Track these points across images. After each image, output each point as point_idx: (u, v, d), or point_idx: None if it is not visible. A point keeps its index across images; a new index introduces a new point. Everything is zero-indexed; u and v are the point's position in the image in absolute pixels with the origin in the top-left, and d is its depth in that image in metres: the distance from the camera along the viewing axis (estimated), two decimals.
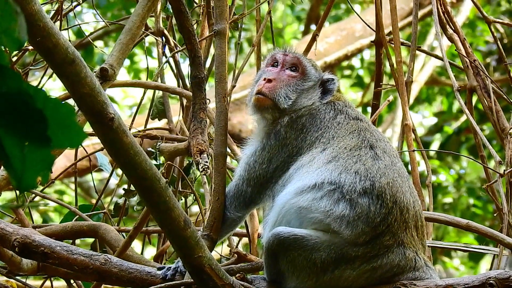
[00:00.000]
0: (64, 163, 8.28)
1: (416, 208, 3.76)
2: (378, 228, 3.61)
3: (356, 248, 3.60)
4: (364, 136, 3.86)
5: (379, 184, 3.67)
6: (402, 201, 3.69)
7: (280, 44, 13.43)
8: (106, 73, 4.13)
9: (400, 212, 3.66)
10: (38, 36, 2.86)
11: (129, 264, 3.82)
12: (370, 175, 3.69)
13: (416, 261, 3.68)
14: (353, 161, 3.74)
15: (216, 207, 3.97)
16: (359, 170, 3.70)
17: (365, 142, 3.83)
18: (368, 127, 3.93)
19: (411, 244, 3.68)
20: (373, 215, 3.61)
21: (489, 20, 5.56)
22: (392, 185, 3.70)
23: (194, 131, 4.14)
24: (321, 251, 3.58)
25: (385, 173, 3.72)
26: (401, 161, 3.92)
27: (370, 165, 3.72)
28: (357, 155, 3.76)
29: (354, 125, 3.91)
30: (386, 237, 3.63)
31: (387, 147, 3.86)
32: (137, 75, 13.18)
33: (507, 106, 5.34)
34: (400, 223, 3.65)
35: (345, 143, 3.82)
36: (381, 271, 3.64)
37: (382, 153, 3.80)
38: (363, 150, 3.79)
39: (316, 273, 3.61)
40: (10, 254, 4.09)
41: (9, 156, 2.00)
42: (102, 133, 3.10)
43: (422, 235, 3.77)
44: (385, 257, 3.62)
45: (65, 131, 2.03)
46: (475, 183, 12.29)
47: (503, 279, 3.55)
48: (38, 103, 1.97)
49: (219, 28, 4.24)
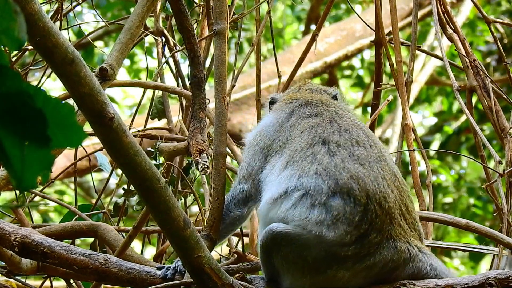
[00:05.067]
0: (64, 163, 8.27)
1: (396, 191, 3.63)
2: (360, 227, 3.52)
3: (346, 248, 3.52)
4: (315, 132, 3.76)
5: (342, 181, 3.56)
6: (375, 191, 3.57)
7: (280, 44, 13.44)
8: (105, 72, 4.13)
9: (378, 205, 3.55)
10: (38, 35, 2.86)
11: (129, 264, 3.82)
12: (330, 173, 3.58)
13: (410, 251, 3.59)
14: (308, 162, 3.65)
15: (215, 207, 3.97)
16: (317, 171, 3.60)
17: (317, 138, 3.73)
18: (321, 122, 3.82)
19: (400, 235, 3.59)
20: (350, 215, 3.52)
21: (489, 20, 5.56)
22: (357, 178, 3.57)
23: (193, 131, 4.14)
24: (311, 249, 3.53)
25: (344, 168, 3.59)
26: (378, 145, 3.75)
27: (327, 163, 3.62)
28: (310, 155, 3.67)
29: (306, 124, 3.84)
30: (372, 235, 3.54)
31: (343, 137, 3.72)
32: (137, 75, 13.18)
33: (507, 106, 5.34)
34: (382, 217, 3.55)
35: (297, 144, 3.76)
36: (377, 269, 3.58)
37: (336, 147, 3.67)
38: (316, 148, 3.69)
39: (309, 271, 3.57)
40: (9, 254, 4.09)
41: (9, 156, 2.00)
42: (102, 133, 3.10)
43: (412, 218, 3.66)
44: (377, 254, 3.55)
45: (65, 131, 2.03)
46: (475, 183, 12.28)
47: (502, 279, 3.54)
48: (38, 103, 1.97)
49: (218, 28, 4.24)
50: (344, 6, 12.91)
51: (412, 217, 3.69)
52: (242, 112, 10.89)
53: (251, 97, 10.52)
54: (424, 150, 5.28)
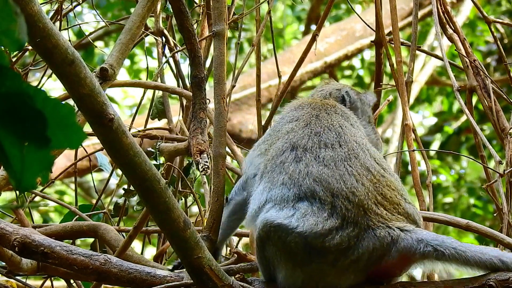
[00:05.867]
0: (64, 163, 8.27)
1: (368, 184, 3.66)
2: (330, 220, 3.55)
3: (321, 239, 3.53)
4: (288, 137, 3.86)
5: (305, 186, 3.63)
6: (341, 188, 3.61)
7: (280, 44, 13.44)
8: (106, 73, 4.13)
9: (346, 200, 3.59)
10: (38, 36, 2.87)
11: (129, 264, 3.82)
12: (295, 181, 3.68)
13: (391, 234, 3.57)
14: (277, 172, 3.75)
15: (215, 208, 3.97)
16: (284, 181, 3.70)
17: (287, 145, 3.82)
18: (296, 126, 3.91)
19: (379, 223, 3.58)
20: (318, 210, 3.58)
21: (489, 20, 5.56)
22: (320, 180, 3.64)
23: (194, 131, 4.14)
24: (293, 235, 3.55)
25: (308, 173, 3.68)
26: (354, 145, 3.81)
27: (292, 171, 3.71)
28: (279, 163, 3.77)
29: (284, 129, 3.95)
30: (349, 228, 3.55)
31: (312, 140, 3.80)
32: (137, 75, 13.18)
33: (507, 106, 5.34)
34: (354, 210, 3.58)
35: (272, 151, 3.87)
36: (363, 261, 3.56)
37: (303, 152, 3.76)
38: (285, 155, 3.79)
39: (296, 261, 3.58)
40: (10, 254, 4.09)
41: (8, 156, 2.00)
42: (102, 134, 3.10)
43: (392, 204, 3.66)
44: (359, 247, 3.55)
45: (65, 131, 2.03)
46: (475, 183, 12.28)
47: (502, 280, 3.54)
48: (38, 103, 1.97)
49: (218, 30, 4.24)
50: (344, 6, 12.91)
51: (394, 202, 3.67)
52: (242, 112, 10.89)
53: (251, 97, 10.52)
54: (424, 150, 5.28)
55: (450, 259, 3.57)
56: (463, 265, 3.59)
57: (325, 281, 3.61)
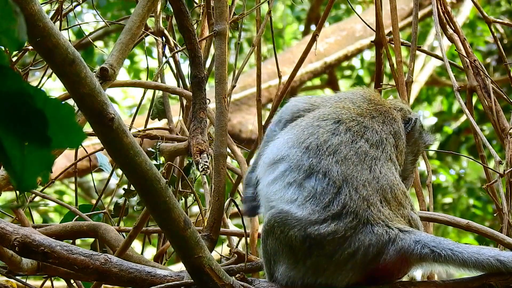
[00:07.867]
0: (64, 163, 8.28)
1: (382, 182, 3.64)
2: (330, 207, 3.55)
3: (316, 227, 3.53)
4: (338, 111, 3.84)
5: (326, 163, 3.62)
6: (355, 178, 3.61)
7: (280, 44, 13.45)
8: (106, 73, 4.13)
9: (354, 190, 3.59)
10: (38, 36, 2.86)
11: (129, 264, 3.82)
12: (320, 152, 3.65)
13: (388, 233, 3.56)
14: (308, 132, 3.73)
15: (216, 208, 3.97)
16: (310, 145, 3.68)
17: (334, 115, 3.80)
18: (351, 108, 3.87)
19: (379, 220, 3.58)
20: (320, 195, 3.57)
21: (489, 20, 5.56)
22: (342, 163, 3.63)
23: (194, 131, 4.14)
24: (293, 227, 3.56)
25: (336, 150, 3.66)
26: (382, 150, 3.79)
27: (323, 141, 3.68)
28: (316, 126, 3.74)
29: (339, 102, 3.94)
30: (348, 218, 3.55)
31: (358, 126, 3.78)
32: (137, 75, 13.18)
33: (507, 106, 5.34)
34: (358, 201, 3.57)
35: (315, 112, 3.85)
36: (359, 256, 3.54)
37: (345, 130, 3.74)
38: (326, 122, 3.77)
39: (296, 255, 3.57)
40: (10, 254, 4.09)
41: (9, 156, 2.00)
42: (102, 134, 3.10)
43: (398, 206, 3.66)
44: (355, 239, 3.54)
45: (65, 131, 2.03)
46: (475, 183, 12.28)
47: (502, 280, 3.54)
48: (38, 103, 1.97)
49: (219, 29, 4.24)
50: (344, 6, 12.92)
51: (401, 204, 3.68)
52: (243, 112, 10.90)
53: (251, 97, 10.53)
54: (424, 150, 5.27)
55: (447, 260, 3.57)
56: (461, 266, 3.59)
57: (324, 276, 3.60)
